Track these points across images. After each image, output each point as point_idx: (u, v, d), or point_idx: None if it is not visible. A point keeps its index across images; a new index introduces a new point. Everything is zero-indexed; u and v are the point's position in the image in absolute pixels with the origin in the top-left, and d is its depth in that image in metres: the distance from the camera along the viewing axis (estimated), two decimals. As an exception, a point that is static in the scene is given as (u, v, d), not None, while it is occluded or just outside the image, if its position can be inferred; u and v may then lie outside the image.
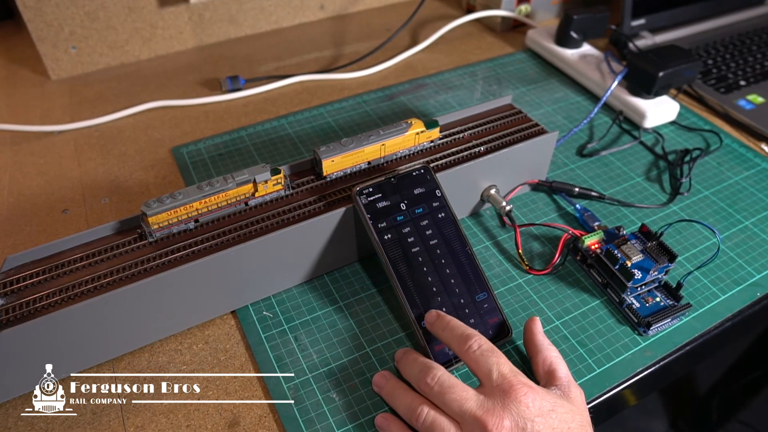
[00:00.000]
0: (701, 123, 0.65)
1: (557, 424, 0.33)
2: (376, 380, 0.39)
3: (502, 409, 0.33)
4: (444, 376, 0.35)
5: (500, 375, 0.34)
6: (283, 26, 0.82)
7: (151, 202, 0.39)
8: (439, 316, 0.39)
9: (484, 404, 0.33)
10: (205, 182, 0.41)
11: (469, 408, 0.34)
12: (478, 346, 0.36)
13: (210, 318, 0.43)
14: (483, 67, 0.73)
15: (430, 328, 0.39)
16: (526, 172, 0.52)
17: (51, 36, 0.67)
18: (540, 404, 0.34)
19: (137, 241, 0.41)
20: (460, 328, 0.37)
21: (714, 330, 0.44)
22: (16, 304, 0.37)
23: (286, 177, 0.45)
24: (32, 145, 0.61)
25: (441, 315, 0.39)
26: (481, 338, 0.36)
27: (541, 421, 0.33)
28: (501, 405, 0.33)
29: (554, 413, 0.34)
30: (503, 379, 0.34)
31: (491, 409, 0.33)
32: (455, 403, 0.34)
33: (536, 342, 0.39)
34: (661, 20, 0.76)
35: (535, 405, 0.33)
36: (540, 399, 0.34)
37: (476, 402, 0.34)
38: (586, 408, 0.36)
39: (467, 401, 0.34)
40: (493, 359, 0.35)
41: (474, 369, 0.36)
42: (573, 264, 0.48)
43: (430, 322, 0.39)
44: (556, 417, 0.34)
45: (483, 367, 0.35)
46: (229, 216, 0.43)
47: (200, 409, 0.38)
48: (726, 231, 0.51)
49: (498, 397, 0.34)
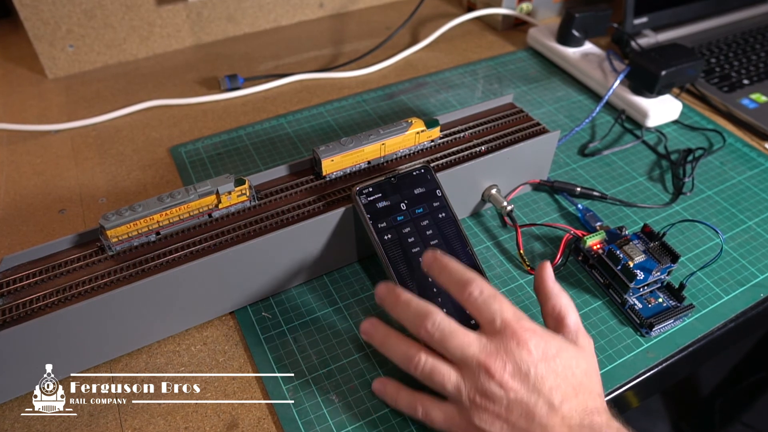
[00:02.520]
0: (704, 122, 0.64)
1: (561, 369, 0.33)
2: (364, 328, 0.37)
3: (505, 353, 0.32)
4: (444, 321, 0.34)
5: (503, 320, 0.33)
6: (282, 24, 0.82)
7: (110, 215, 0.38)
8: (436, 257, 0.36)
9: (486, 348, 0.33)
10: (167, 194, 0.40)
11: (471, 353, 0.33)
12: (479, 292, 0.34)
13: (208, 319, 0.43)
14: (484, 65, 0.73)
15: (428, 270, 0.37)
16: (527, 171, 0.52)
17: (48, 34, 0.67)
18: (544, 348, 0.33)
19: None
20: (459, 271, 0.35)
21: (717, 331, 0.43)
22: (13, 304, 0.36)
23: (251, 188, 0.43)
24: (29, 145, 0.60)
25: (438, 256, 0.37)
26: (482, 282, 0.35)
27: (545, 366, 0.32)
28: (504, 349, 0.33)
29: (558, 358, 0.33)
30: (506, 324, 0.33)
31: (494, 353, 0.33)
32: (457, 349, 0.33)
33: (546, 288, 0.37)
34: (663, 18, 0.76)
35: (538, 349, 0.33)
36: (544, 343, 0.33)
37: (479, 346, 0.33)
38: (594, 356, 0.35)
39: (470, 346, 0.33)
40: (495, 305, 0.34)
41: (476, 315, 0.34)
42: (575, 264, 0.48)
43: (428, 264, 0.37)
44: (560, 362, 0.33)
45: (485, 314, 0.34)
46: (193, 228, 0.42)
47: (198, 411, 0.38)
48: (729, 231, 0.51)
49: (501, 342, 0.33)
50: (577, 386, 0.33)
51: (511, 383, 0.32)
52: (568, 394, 0.32)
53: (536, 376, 0.32)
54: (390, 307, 0.36)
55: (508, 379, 0.32)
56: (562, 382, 0.33)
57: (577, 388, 0.33)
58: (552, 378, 0.32)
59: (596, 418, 0.32)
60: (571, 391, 0.33)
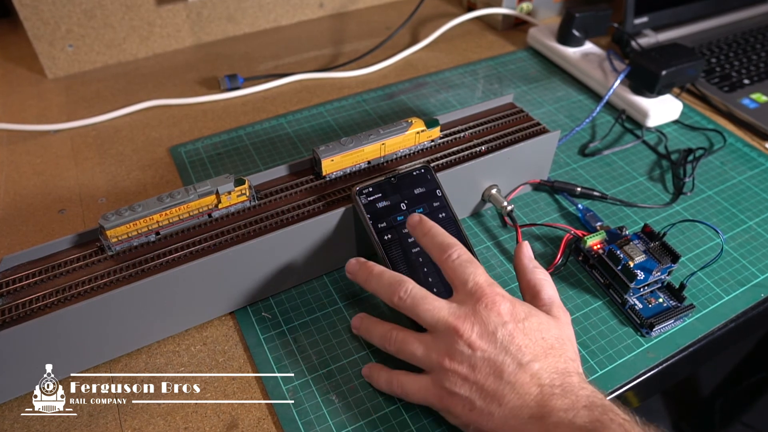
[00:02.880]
0: (704, 122, 0.64)
1: (530, 332, 0.33)
2: (353, 323, 0.40)
3: (473, 315, 0.33)
4: (415, 288, 0.35)
5: (475, 284, 0.34)
6: (282, 24, 0.82)
7: (109, 215, 0.38)
8: (421, 220, 0.38)
9: (455, 311, 0.34)
10: (166, 194, 0.40)
11: (441, 316, 0.34)
12: (457, 256, 0.35)
13: (208, 319, 0.43)
14: (484, 65, 0.73)
15: (412, 231, 0.38)
16: (527, 171, 0.52)
17: (47, 34, 0.67)
18: (512, 311, 0.33)
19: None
20: (441, 235, 0.37)
21: (718, 331, 0.43)
22: (12, 305, 0.36)
23: (251, 188, 0.43)
24: (28, 145, 0.60)
25: (424, 219, 0.38)
26: (462, 248, 0.36)
27: (513, 326, 0.33)
28: (473, 312, 0.33)
29: (527, 321, 0.33)
30: (478, 287, 0.34)
31: (462, 315, 0.33)
32: (428, 313, 0.34)
33: (522, 265, 0.38)
34: (664, 18, 0.76)
35: (505, 311, 0.33)
36: (513, 307, 0.34)
37: (448, 310, 0.34)
38: (570, 327, 0.36)
39: (440, 310, 0.34)
40: (471, 269, 0.35)
41: (451, 277, 0.35)
42: (575, 265, 0.47)
43: (412, 225, 0.38)
44: (529, 325, 0.33)
45: (460, 275, 0.35)
46: (193, 228, 0.42)
47: (198, 411, 0.38)
48: (730, 231, 0.51)
49: (470, 304, 0.34)
50: (547, 349, 0.33)
51: (478, 343, 0.32)
52: (538, 354, 0.32)
53: (504, 335, 0.32)
54: (363, 279, 0.38)
55: (476, 339, 0.32)
56: (531, 342, 0.33)
57: (547, 350, 0.33)
58: (520, 338, 0.33)
59: (568, 379, 0.32)
60: (540, 352, 0.33)
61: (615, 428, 0.29)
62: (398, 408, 0.38)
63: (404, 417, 0.37)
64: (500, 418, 0.31)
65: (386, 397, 0.38)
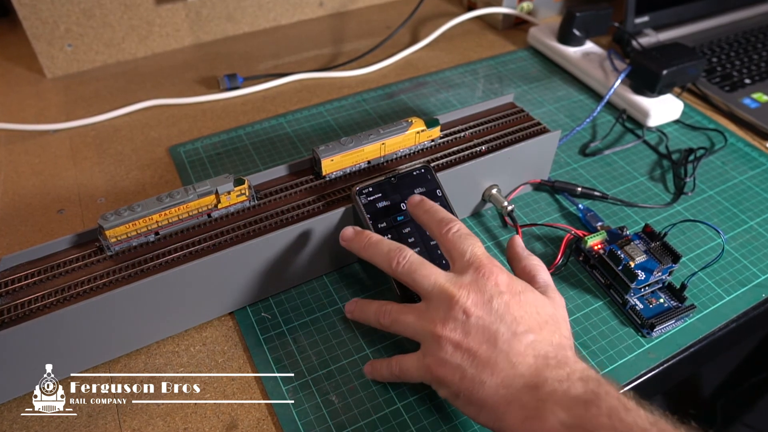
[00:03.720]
0: (705, 122, 0.64)
1: (526, 305, 0.33)
2: (347, 308, 0.41)
3: (470, 283, 0.33)
4: (414, 255, 0.35)
5: (474, 254, 0.34)
6: (281, 23, 0.82)
7: (109, 215, 0.38)
8: (423, 198, 0.38)
9: (452, 279, 0.34)
10: (166, 194, 0.40)
11: (438, 282, 0.34)
12: (457, 229, 0.36)
13: (208, 320, 0.43)
14: (484, 65, 0.73)
15: (412, 210, 0.38)
16: (528, 171, 0.52)
17: (46, 33, 0.67)
18: (510, 284, 0.33)
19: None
20: (441, 212, 0.37)
21: (719, 331, 0.43)
22: (12, 305, 0.36)
23: (251, 188, 0.43)
24: (27, 145, 0.60)
25: (424, 199, 0.38)
26: (461, 224, 0.36)
27: (509, 297, 0.33)
28: (470, 280, 0.33)
29: (524, 295, 0.33)
30: (476, 257, 0.34)
31: (458, 283, 0.33)
32: (425, 278, 0.34)
33: (516, 253, 0.39)
34: (664, 17, 0.76)
35: (502, 282, 0.33)
36: (510, 280, 0.34)
37: (446, 277, 0.34)
38: (565, 310, 0.36)
39: (438, 276, 0.34)
40: (470, 241, 0.35)
41: (450, 249, 0.35)
42: (576, 265, 0.47)
43: (413, 204, 0.38)
44: (525, 299, 0.33)
45: (458, 247, 0.35)
46: (192, 228, 0.41)
47: (198, 412, 0.37)
48: (731, 231, 0.51)
49: (468, 274, 0.34)
50: (542, 323, 0.33)
51: (473, 309, 0.32)
52: (533, 326, 0.32)
53: (500, 304, 0.32)
54: (360, 247, 0.38)
55: (471, 306, 0.32)
56: (527, 315, 0.33)
57: (542, 324, 0.33)
58: (516, 308, 0.32)
59: (563, 352, 0.32)
60: (535, 325, 0.33)
61: (610, 401, 0.29)
62: (398, 409, 0.37)
63: (404, 418, 0.37)
64: (491, 386, 0.31)
65: (386, 398, 0.38)
